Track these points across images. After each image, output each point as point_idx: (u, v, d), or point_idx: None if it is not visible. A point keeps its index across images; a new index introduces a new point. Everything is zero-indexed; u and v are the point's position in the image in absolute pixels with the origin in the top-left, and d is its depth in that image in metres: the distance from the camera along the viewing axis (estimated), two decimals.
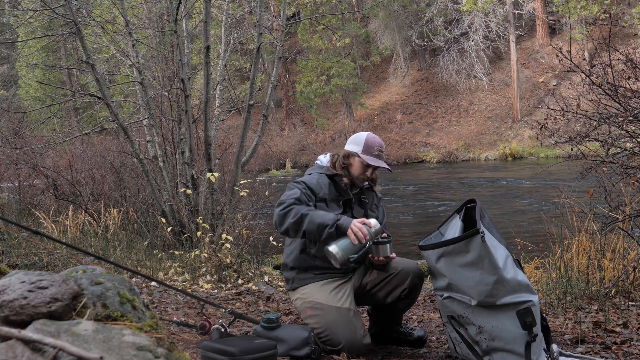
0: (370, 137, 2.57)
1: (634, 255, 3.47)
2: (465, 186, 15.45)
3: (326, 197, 2.50)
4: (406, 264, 2.49)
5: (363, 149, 2.53)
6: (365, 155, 2.52)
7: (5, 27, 21.29)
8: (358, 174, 2.55)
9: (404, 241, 8.11)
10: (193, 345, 2.36)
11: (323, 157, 2.70)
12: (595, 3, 20.30)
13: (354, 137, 2.61)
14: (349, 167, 2.56)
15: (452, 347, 2.36)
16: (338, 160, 2.58)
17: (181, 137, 5.89)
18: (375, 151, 2.53)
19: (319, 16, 21.66)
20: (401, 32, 27.42)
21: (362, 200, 2.63)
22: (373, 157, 2.52)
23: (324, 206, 2.47)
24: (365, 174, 2.55)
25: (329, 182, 2.55)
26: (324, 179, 2.54)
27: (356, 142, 2.57)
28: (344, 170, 2.56)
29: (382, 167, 2.54)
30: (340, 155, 2.58)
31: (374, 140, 2.56)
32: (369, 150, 2.53)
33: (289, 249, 2.58)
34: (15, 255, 4.69)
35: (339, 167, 2.56)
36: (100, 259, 2.63)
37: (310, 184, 2.48)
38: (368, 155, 2.52)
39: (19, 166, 8.44)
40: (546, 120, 4.26)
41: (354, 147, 2.56)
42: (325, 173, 2.56)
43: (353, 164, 2.55)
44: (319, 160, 2.69)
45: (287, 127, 28.06)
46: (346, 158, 2.56)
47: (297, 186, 2.47)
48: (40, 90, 22.73)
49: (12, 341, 0.91)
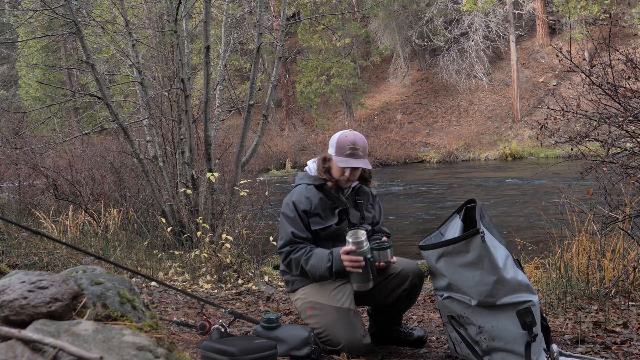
0: (342, 137, 2.46)
1: (634, 255, 3.47)
2: (465, 186, 15.45)
3: (319, 212, 2.46)
4: (406, 264, 2.48)
5: (336, 150, 2.45)
6: (337, 157, 2.44)
7: (5, 27, 21.30)
8: (337, 176, 2.48)
9: (404, 241, 8.11)
10: (193, 345, 2.36)
11: (311, 162, 2.62)
12: (595, 3, 20.30)
13: (331, 139, 2.54)
14: (330, 171, 2.50)
15: (452, 347, 2.36)
16: (319, 164, 2.53)
17: (181, 137, 5.89)
18: (347, 150, 2.42)
19: (319, 16, 21.66)
20: (401, 32, 27.42)
21: (357, 202, 2.59)
22: (345, 158, 2.42)
23: (318, 219, 2.46)
24: (343, 176, 2.46)
25: (318, 192, 2.49)
26: (313, 192, 2.49)
27: (331, 144, 2.50)
28: (327, 174, 2.50)
29: (356, 166, 2.43)
30: (321, 159, 2.53)
31: (346, 139, 2.44)
32: (341, 151, 2.43)
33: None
34: (15, 255, 4.69)
35: (320, 171, 2.51)
36: (100, 259, 2.63)
37: (300, 206, 2.44)
38: (340, 157, 2.43)
39: (19, 166, 8.44)
40: (546, 120, 4.26)
41: (330, 150, 2.50)
42: (313, 184, 2.51)
43: (332, 167, 2.49)
44: (308, 168, 2.61)
45: (287, 127, 28.06)
46: (324, 162, 2.51)
47: (287, 219, 2.46)
48: (40, 90, 22.73)
49: (12, 341, 0.91)
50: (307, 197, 2.47)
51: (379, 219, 2.68)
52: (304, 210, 2.44)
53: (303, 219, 2.45)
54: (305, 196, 2.47)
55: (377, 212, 2.67)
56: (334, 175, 2.49)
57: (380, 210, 2.71)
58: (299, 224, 2.44)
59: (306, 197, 2.47)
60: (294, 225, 2.44)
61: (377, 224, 2.66)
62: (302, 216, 2.45)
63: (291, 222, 2.45)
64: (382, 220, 2.70)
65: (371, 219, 2.62)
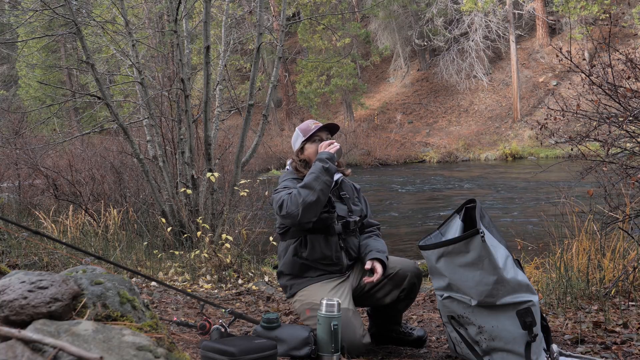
0: (301, 125, 2.69)
1: (634, 255, 3.47)
2: (465, 186, 15.45)
3: None
4: (404, 264, 2.49)
5: (303, 135, 2.63)
6: (308, 136, 2.61)
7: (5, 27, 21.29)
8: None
9: (404, 241, 8.11)
10: (193, 345, 2.36)
11: (289, 162, 2.72)
12: (595, 3, 20.30)
13: (293, 139, 2.72)
14: (308, 160, 2.61)
15: (452, 347, 2.36)
16: (296, 163, 2.64)
17: (181, 137, 5.89)
18: (312, 127, 2.63)
19: (319, 16, 21.66)
20: (401, 32, 27.42)
21: (342, 196, 2.62)
22: (315, 131, 2.61)
23: None
24: (324, 142, 2.58)
25: None
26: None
27: (295, 138, 2.68)
28: (305, 168, 2.59)
29: (326, 125, 2.62)
30: (295, 157, 2.66)
31: (305, 123, 2.68)
32: (307, 130, 2.62)
33: (282, 256, 2.58)
34: (15, 255, 4.69)
35: (300, 168, 2.61)
36: (100, 259, 2.62)
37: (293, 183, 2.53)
38: (310, 135, 2.60)
39: (19, 166, 8.44)
40: (546, 120, 4.26)
41: (297, 143, 2.65)
42: (297, 177, 2.59)
43: (308, 155, 2.61)
44: (288, 167, 2.72)
45: (287, 127, 28.04)
46: (300, 154, 2.64)
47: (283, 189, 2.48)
48: (40, 90, 22.72)
49: (12, 341, 0.91)
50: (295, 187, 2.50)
51: (367, 211, 2.73)
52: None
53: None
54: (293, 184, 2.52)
55: (363, 206, 2.72)
56: (312, 157, 2.58)
57: (366, 203, 2.77)
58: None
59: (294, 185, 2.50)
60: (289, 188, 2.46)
61: (366, 217, 2.70)
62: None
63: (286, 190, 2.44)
64: (369, 212, 2.75)
65: (359, 211, 2.64)
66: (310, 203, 2.31)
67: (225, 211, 5.55)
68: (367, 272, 2.50)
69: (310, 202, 2.31)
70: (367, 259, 2.46)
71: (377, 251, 2.50)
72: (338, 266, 2.50)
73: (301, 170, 2.59)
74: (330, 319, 2.16)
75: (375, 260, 2.45)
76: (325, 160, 2.40)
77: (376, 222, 2.76)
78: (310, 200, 2.31)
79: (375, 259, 2.45)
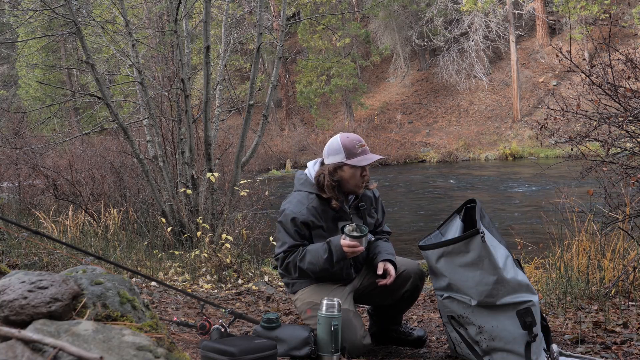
0: (345, 139, 2.37)
1: (634, 255, 3.47)
2: (465, 186, 15.45)
3: (322, 225, 2.38)
4: (407, 264, 2.48)
5: (345, 154, 2.34)
6: (351, 160, 2.33)
7: (5, 27, 21.29)
8: (354, 182, 2.37)
9: (404, 241, 8.11)
10: (193, 345, 2.36)
11: (312, 165, 2.50)
12: (595, 3, 20.29)
13: (330, 147, 2.39)
14: (342, 182, 2.37)
15: (452, 347, 2.36)
16: (326, 180, 2.34)
17: (181, 137, 5.89)
18: (358, 150, 2.35)
19: (319, 16, 21.65)
20: (401, 32, 27.41)
21: (359, 208, 2.50)
22: (360, 157, 2.34)
23: (321, 232, 2.38)
24: (362, 178, 2.38)
25: (321, 203, 2.39)
26: (316, 202, 2.38)
27: (335, 151, 2.36)
28: (334, 190, 2.35)
29: (375, 161, 2.37)
30: (327, 174, 2.34)
31: (350, 139, 2.36)
32: (352, 152, 2.34)
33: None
34: (15, 255, 4.69)
35: (329, 188, 2.34)
36: (100, 259, 2.63)
37: (299, 219, 2.34)
38: (354, 158, 2.33)
39: (19, 166, 8.44)
40: (546, 120, 4.26)
41: (336, 158, 2.35)
42: (315, 193, 2.39)
43: (344, 176, 2.35)
44: (308, 172, 2.48)
45: (287, 127, 28.05)
46: (333, 174, 2.35)
47: (285, 230, 2.38)
48: (40, 90, 22.71)
49: (12, 341, 0.91)
50: (308, 208, 2.37)
51: (382, 220, 2.64)
52: (303, 222, 2.35)
53: (302, 231, 2.37)
54: (306, 207, 2.37)
55: (379, 214, 2.62)
56: (348, 183, 2.37)
57: (383, 212, 2.67)
58: (297, 237, 2.37)
59: (307, 209, 2.36)
60: (292, 237, 2.37)
61: (380, 226, 2.62)
62: (302, 229, 2.36)
63: (289, 233, 2.37)
64: (383, 221, 2.66)
65: (373, 224, 2.56)
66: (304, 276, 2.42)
67: (225, 211, 5.55)
68: (369, 273, 2.49)
69: (304, 275, 2.42)
70: (379, 261, 2.39)
71: (387, 252, 2.44)
72: (347, 280, 2.50)
73: (328, 193, 2.35)
74: (331, 319, 2.16)
75: (387, 261, 2.39)
76: (338, 262, 2.29)
77: (388, 229, 2.67)
78: (305, 275, 2.41)
79: (386, 260, 2.40)
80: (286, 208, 2.40)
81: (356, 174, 2.36)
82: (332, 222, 2.42)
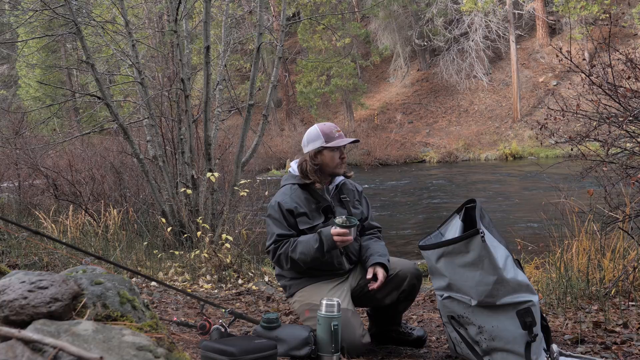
0: (323, 126, 2.55)
1: (634, 255, 3.47)
2: (465, 186, 15.45)
3: (305, 211, 2.49)
4: (404, 265, 2.49)
5: (325, 139, 2.51)
6: (330, 143, 2.49)
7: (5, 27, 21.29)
8: (334, 164, 2.52)
9: (404, 241, 8.11)
10: (193, 345, 2.36)
11: (294, 163, 2.64)
12: (595, 3, 20.29)
13: (309, 135, 2.56)
14: (322, 165, 2.52)
15: (452, 347, 2.36)
16: (307, 165, 2.52)
17: (181, 137, 5.89)
18: (335, 134, 2.52)
19: (319, 16, 21.63)
20: (401, 32, 27.40)
21: (342, 200, 2.61)
22: (337, 140, 2.51)
23: (305, 219, 2.48)
24: (341, 160, 2.53)
25: (303, 192, 2.53)
26: (297, 192, 2.53)
27: (314, 138, 2.53)
28: (316, 173, 2.51)
29: (350, 142, 2.52)
30: (308, 160, 2.52)
31: (327, 126, 2.55)
32: (330, 136, 2.51)
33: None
34: (15, 255, 4.69)
35: (311, 172, 2.51)
36: (100, 259, 2.62)
37: (284, 206, 2.47)
38: (333, 141, 2.50)
39: (19, 166, 8.44)
40: (546, 120, 4.26)
41: (316, 143, 2.52)
42: (297, 183, 2.55)
43: (324, 159, 2.51)
44: (291, 169, 2.64)
45: (287, 127, 28.03)
46: (314, 158, 2.51)
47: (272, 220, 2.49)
48: (40, 90, 22.71)
49: (12, 341, 0.91)
50: (291, 197, 2.50)
51: (368, 214, 2.70)
52: (288, 210, 2.47)
53: (288, 219, 2.47)
54: (289, 196, 2.50)
55: (364, 208, 2.69)
56: (328, 166, 2.51)
57: (368, 206, 2.74)
58: (284, 224, 2.47)
59: (291, 197, 2.50)
60: (279, 225, 2.47)
61: (366, 220, 2.68)
62: (287, 216, 2.47)
63: (276, 223, 2.47)
64: (370, 215, 2.72)
65: (359, 215, 2.62)
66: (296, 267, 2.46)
67: (225, 211, 5.55)
68: (365, 276, 2.50)
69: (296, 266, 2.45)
70: (369, 266, 2.45)
71: (379, 255, 2.49)
72: (340, 271, 2.53)
73: (311, 177, 2.52)
74: (330, 319, 2.16)
75: (377, 265, 2.44)
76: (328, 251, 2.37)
77: (377, 224, 2.75)
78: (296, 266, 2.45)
79: (376, 264, 2.44)
80: (272, 201, 2.56)
81: (335, 156, 2.51)
82: (316, 210, 2.52)
